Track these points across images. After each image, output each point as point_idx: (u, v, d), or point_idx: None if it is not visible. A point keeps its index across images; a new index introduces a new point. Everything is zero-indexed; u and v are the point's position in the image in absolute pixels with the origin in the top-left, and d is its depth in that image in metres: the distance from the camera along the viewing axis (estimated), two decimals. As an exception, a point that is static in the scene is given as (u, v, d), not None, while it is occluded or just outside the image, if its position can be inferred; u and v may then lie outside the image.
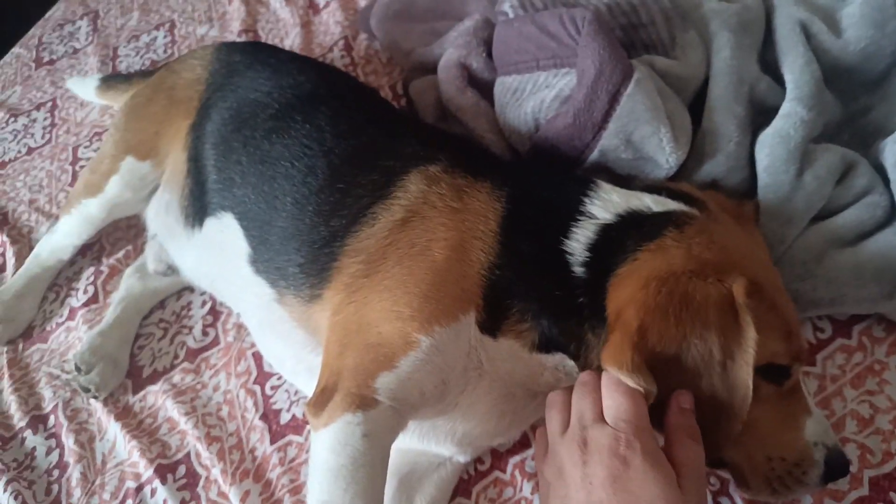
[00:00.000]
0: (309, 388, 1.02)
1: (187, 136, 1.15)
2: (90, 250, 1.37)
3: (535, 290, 0.82)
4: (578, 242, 0.83)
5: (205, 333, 1.24)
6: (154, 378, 1.20)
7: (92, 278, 1.34)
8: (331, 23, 1.67)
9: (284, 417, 1.11)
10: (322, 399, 0.82)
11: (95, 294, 1.32)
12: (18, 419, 1.18)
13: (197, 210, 1.11)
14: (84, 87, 1.60)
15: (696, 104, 1.04)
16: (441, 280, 0.82)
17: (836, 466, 0.78)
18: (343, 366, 0.83)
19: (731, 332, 0.73)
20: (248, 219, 1.02)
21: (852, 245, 0.93)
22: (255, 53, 1.22)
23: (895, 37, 1.00)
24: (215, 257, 1.09)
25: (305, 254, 0.94)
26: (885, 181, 0.95)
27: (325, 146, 0.99)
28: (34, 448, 1.15)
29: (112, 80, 1.54)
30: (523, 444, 1.00)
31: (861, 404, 0.93)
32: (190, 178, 1.14)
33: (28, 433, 1.16)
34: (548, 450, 0.80)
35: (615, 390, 0.73)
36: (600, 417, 0.74)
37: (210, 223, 1.09)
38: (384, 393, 0.80)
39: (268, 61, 1.18)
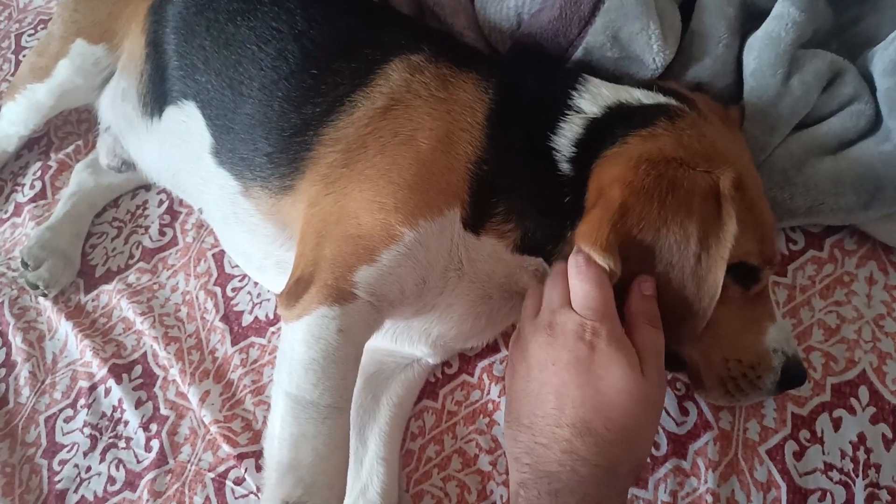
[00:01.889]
0: (276, 284, 0.99)
1: (146, 18, 1.07)
2: (37, 144, 1.29)
3: (522, 189, 0.79)
4: (565, 138, 0.80)
5: (162, 233, 1.18)
6: (108, 277, 1.15)
7: (39, 173, 1.26)
8: (299, -85, 1.56)
9: (246, 319, 1.07)
10: (297, 290, 0.78)
11: (43, 189, 1.24)
12: (-39, 317, 1.12)
13: (157, 98, 1.04)
14: None
15: (686, 4, 0.99)
16: (426, 171, 0.78)
17: (792, 375, 0.78)
18: (320, 257, 0.79)
19: (711, 224, 0.71)
20: (212, 107, 0.96)
21: (833, 154, 0.92)
22: None
23: (891, -57, 0.97)
24: (176, 148, 1.02)
25: (274, 142, 0.89)
26: (872, 90, 0.94)
27: (295, 29, 0.92)
28: (-22, 346, 1.10)
29: None
30: (492, 348, 0.99)
31: (828, 314, 0.94)
32: (149, 64, 1.05)
33: (-29, 331, 1.11)
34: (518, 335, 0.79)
35: (581, 278, 0.72)
36: (568, 303, 0.74)
37: (170, 112, 1.02)
38: (363, 287, 0.76)
39: None
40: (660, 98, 0.83)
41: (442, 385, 0.98)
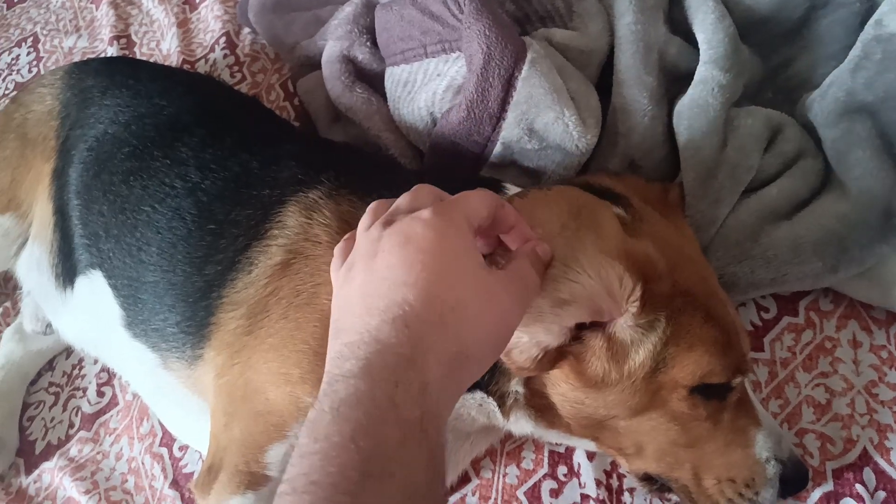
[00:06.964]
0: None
1: (51, 183, 1.00)
2: (-38, 313, 1.22)
3: None
4: None
5: (100, 394, 1.10)
6: (48, 453, 1.07)
7: (-34, 346, 1.18)
8: (210, 18, 1.49)
9: (197, 481, 0.99)
10: (208, 479, 0.72)
11: (-28, 364, 1.17)
12: None
13: (67, 269, 0.97)
14: None
15: (604, 79, 0.92)
16: None
17: (792, 481, 0.71)
18: (230, 438, 0.73)
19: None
20: (116, 276, 0.89)
21: (788, 218, 0.84)
22: (111, 75, 1.05)
23: (810, -22, 0.90)
24: (90, 323, 0.95)
25: (181, 310, 0.82)
26: (816, 142, 0.86)
27: (189, 182, 0.86)
28: (-87, 555, 1.02)
29: None
30: (463, 479, 0.90)
31: (816, 388, 0.85)
32: (57, 233, 0.99)
33: None
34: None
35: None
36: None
37: (81, 283, 0.95)
38: (277, 467, 0.70)
39: (125, 83, 1.02)
40: None
41: (412, 529, 0.89)
